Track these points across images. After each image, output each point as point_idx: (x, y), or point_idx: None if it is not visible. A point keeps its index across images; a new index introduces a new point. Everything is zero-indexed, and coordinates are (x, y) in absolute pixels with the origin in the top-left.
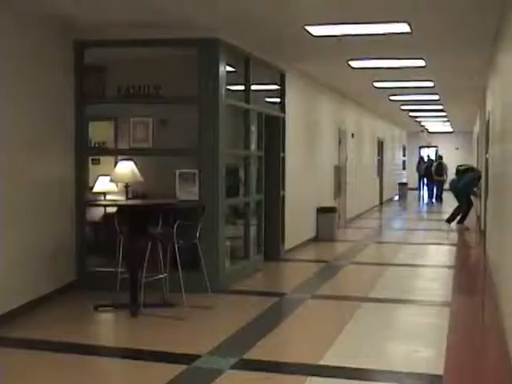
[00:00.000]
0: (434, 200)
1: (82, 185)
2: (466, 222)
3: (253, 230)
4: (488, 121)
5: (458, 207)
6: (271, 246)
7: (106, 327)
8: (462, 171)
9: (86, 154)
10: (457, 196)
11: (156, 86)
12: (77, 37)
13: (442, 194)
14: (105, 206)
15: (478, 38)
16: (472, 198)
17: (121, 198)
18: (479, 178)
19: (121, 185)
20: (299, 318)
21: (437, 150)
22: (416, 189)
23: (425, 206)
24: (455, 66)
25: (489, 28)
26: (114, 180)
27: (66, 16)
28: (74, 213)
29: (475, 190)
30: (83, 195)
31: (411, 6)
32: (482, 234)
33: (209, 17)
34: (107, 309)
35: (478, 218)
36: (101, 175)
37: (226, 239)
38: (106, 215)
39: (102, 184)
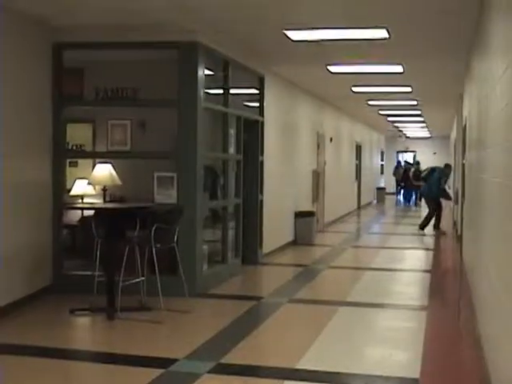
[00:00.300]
0: (410, 203)
1: (59, 188)
2: (442, 227)
3: (231, 234)
4: (465, 126)
5: (428, 213)
6: (249, 249)
7: (83, 331)
8: (425, 177)
9: (64, 157)
10: (427, 202)
11: (134, 88)
12: (55, 39)
13: (420, 199)
14: (82, 209)
15: (455, 44)
16: (443, 201)
17: (98, 201)
18: (446, 174)
19: (98, 188)
20: (276, 322)
21: (414, 155)
22: (394, 193)
23: (402, 211)
24: (433, 71)
25: (465, 34)
26: (91, 183)
27: (43, 17)
28: (50, 216)
29: (445, 186)
30: (60, 198)
31: (389, 12)
32: (459, 238)
33: (188, 20)
34: (84, 313)
35: (455, 222)
36: (78, 178)
37: (204, 243)
38: (84, 218)
39: (79, 187)
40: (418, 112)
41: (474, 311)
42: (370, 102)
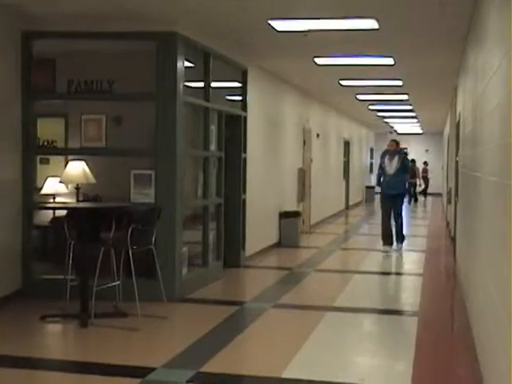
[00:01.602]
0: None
1: (29, 186)
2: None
3: (212, 236)
4: (458, 122)
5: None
6: (231, 252)
7: (54, 339)
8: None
9: (34, 154)
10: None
11: (110, 81)
12: (25, 27)
13: (415, 196)
14: (54, 208)
15: (450, 35)
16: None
17: (71, 201)
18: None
19: (71, 186)
20: (260, 329)
21: (406, 153)
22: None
23: None
24: (425, 64)
25: (460, 24)
26: (64, 181)
27: (12, 4)
28: (19, 216)
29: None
30: (30, 197)
31: (379, 2)
32: (452, 240)
33: (166, 9)
34: (55, 319)
35: (448, 223)
36: (50, 176)
37: (184, 245)
38: (55, 219)
39: (51, 185)
40: (410, 107)
41: (468, 317)
42: (359, 97)
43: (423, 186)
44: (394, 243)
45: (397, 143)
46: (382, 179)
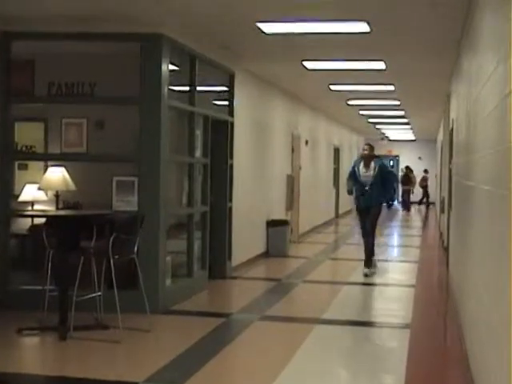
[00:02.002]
0: (405, 209)
1: (7, 193)
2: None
3: (197, 245)
4: (452, 129)
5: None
6: (217, 262)
7: (31, 353)
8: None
9: (11, 159)
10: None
11: (91, 83)
12: (3, 28)
13: (409, 204)
14: (32, 216)
15: (443, 39)
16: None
17: (50, 208)
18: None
19: (51, 193)
20: (246, 342)
21: (397, 160)
22: None
23: (384, 220)
24: (418, 69)
25: (454, 29)
26: (43, 188)
27: None
28: None
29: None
30: (7, 205)
31: (371, 4)
32: (445, 250)
33: (151, 10)
34: (33, 332)
35: (441, 233)
36: (28, 183)
37: (168, 254)
38: (34, 227)
39: (29, 192)
40: (402, 113)
41: (462, 329)
42: (350, 102)
43: (421, 196)
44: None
45: (371, 147)
46: (354, 190)
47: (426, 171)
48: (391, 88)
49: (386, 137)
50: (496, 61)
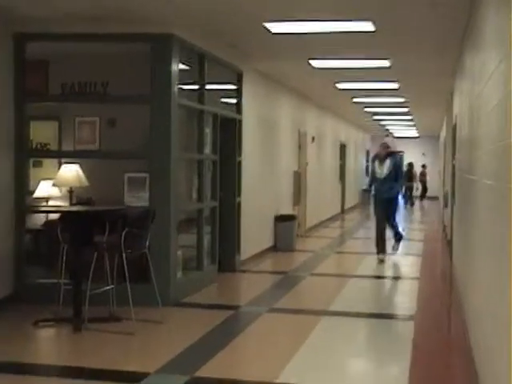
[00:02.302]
0: (408, 204)
1: (22, 189)
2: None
3: (206, 239)
4: (455, 125)
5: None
6: (226, 256)
7: (47, 344)
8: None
9: (27, 156)
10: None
11: (104, 83)
12: (17, 29)
13: (411, 199)
14: (47, 212)
15: (446, 37)
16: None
17: (64, 204)
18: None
19: (65, 189)
20: (255, 333)
21: (402, 156)
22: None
23: None
24: (422, 66)
25: (457, 27)
26: (57, 184)
27: (4, 6)
28: (12, 219)
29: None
30: (23, 200)
31: (376, 4)
32: (449, 244)
33: (162, 11)
34: (48, 324)
35: (445, 227)
36: (43, 179)
37: (178, 248)
38: (48, 222)
39: (44, 189)
40: (406, 110)
41: (466, 321)
42: (355, 100)
43: (420, 190)
44: (389, 246)
45: (387, 146)
46: (373, 183)
47: (424, 166)
48: (396, 86)
49: (391, 133)
50: (498, 58)
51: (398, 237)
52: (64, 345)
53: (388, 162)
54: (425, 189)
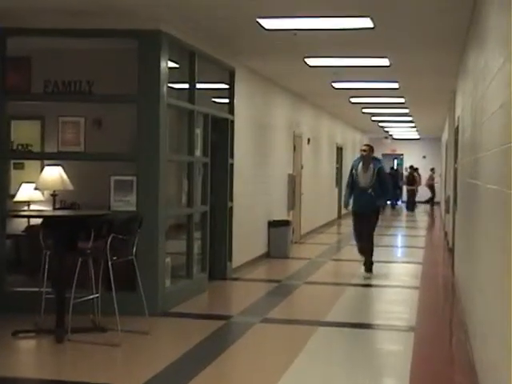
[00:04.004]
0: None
1: (2, 193)
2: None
3: (197, 246)
4: (457, 127)
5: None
6: (217, 263)
7: (27, 356)
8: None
9: (7, 158)
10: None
11: (89, 81)
12: None
13: (414, 203)
14: (28, 217)
15: (448, 35)
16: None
17: (47, 208)
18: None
19: (47, 193)
20: (247, 345)
21: (401, 159)
22: None
23: (387, 220)
24: (422, 65)
25: (460, 24)
26: (39, 188)
27: None
28: None
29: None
30: (3, 205)
31: None
32: (451, 251)
33: (150, 6)
34: (29, 335)
35: (446, 233)
36: (24, 182)
37: (167, 255)
38: (30, 228)
39: (25, 192)
40: (406, 111)
41: (468, 332)
42: (353, 100)
43: (430, 195)
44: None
45: (370, 148)
46: (353, 193)
47: (432, 170)
48: (395, 85)
49: (390, 135)
50: (502, 58)
51: (370, 265)
52: (45, 357)
53: (372, 168)
54: (433, 194)
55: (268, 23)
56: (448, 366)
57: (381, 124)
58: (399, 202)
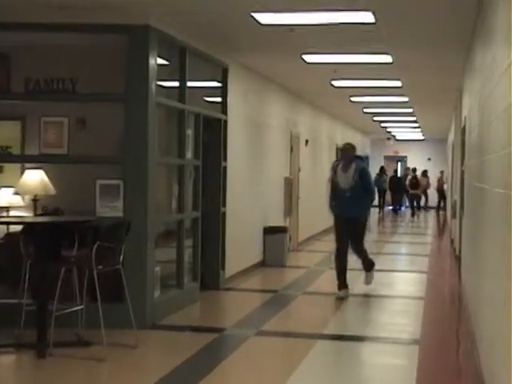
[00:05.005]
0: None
1: None
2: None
3: (187, 254)
4: (464, 127)
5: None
6: (209, 272)
7: (7, 372)
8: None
9: None
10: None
11: (73, 79)
12: None
13: (419, 208)
14: (7, 223)
15: (454, 30)
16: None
17: (28, 214)
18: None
19: (28, 198)
20: (241, 359)
21: (404, 161)
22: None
23: (390, 227)
24: (427, 62)
25: (466, 18)
26: (19, 192)
27: None
28: None
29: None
30: None
31: None
32: (457, 259)
33: None
34: (8, 349)
35: (453, 240)
36: (3, 186)
37: (156, 264)
38: (9, 235)
39: (4, 197)
40: (410, 110)
41: (476, 346)
42: (353, 99)
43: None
44: (363, 277)
45: (351, 147)
46: (334, 198)
47: (442, 173)
48: (398, 83)
49: (393, 136)
50: (511, 55)
51: (369, 264)
52: (26, 373)
53: (353, 169)
54: (443, 198)
55: (263, 17)
56: (455, 381)
57: (383, 124)
58: (403, 208)
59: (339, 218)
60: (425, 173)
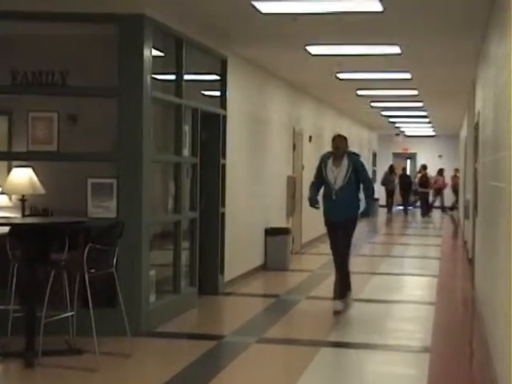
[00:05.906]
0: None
1: None
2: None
3: (185, 257)
4: (477, 122)
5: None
6: (207, 276)
7: None
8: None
9: None
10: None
11: (63, 72)
12: None
13: (429, 207)
14: None
15: (466, 18)
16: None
17: (15, 215)
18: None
19: (15, 198)
20: (242, 368)
21: (413, 159)
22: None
23: (398, 228)
24: (437, 53)
25: (480, 6)
26: (6, 192)
27: None
28: None
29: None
30: None
31: None
32: (470, 262)
33: None
34: None
35: (465, 243)
36: None
37: (151, 268)
38: None
39: None
40: (420, 104)
41: (490, 354)
42: (360, 92)
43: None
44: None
45: (343, 139)
46: (322, 197)
47: (456, 170)
48: (408, 76)
49: (402, 132)
50: None
51: (343, 289)
52: (13, 383)
53: (346, 165)
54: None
55: (264, 6)
56: None
57: (391, 120)
58: (411, 207)
59: (330, 223)
60: (441, 171)
